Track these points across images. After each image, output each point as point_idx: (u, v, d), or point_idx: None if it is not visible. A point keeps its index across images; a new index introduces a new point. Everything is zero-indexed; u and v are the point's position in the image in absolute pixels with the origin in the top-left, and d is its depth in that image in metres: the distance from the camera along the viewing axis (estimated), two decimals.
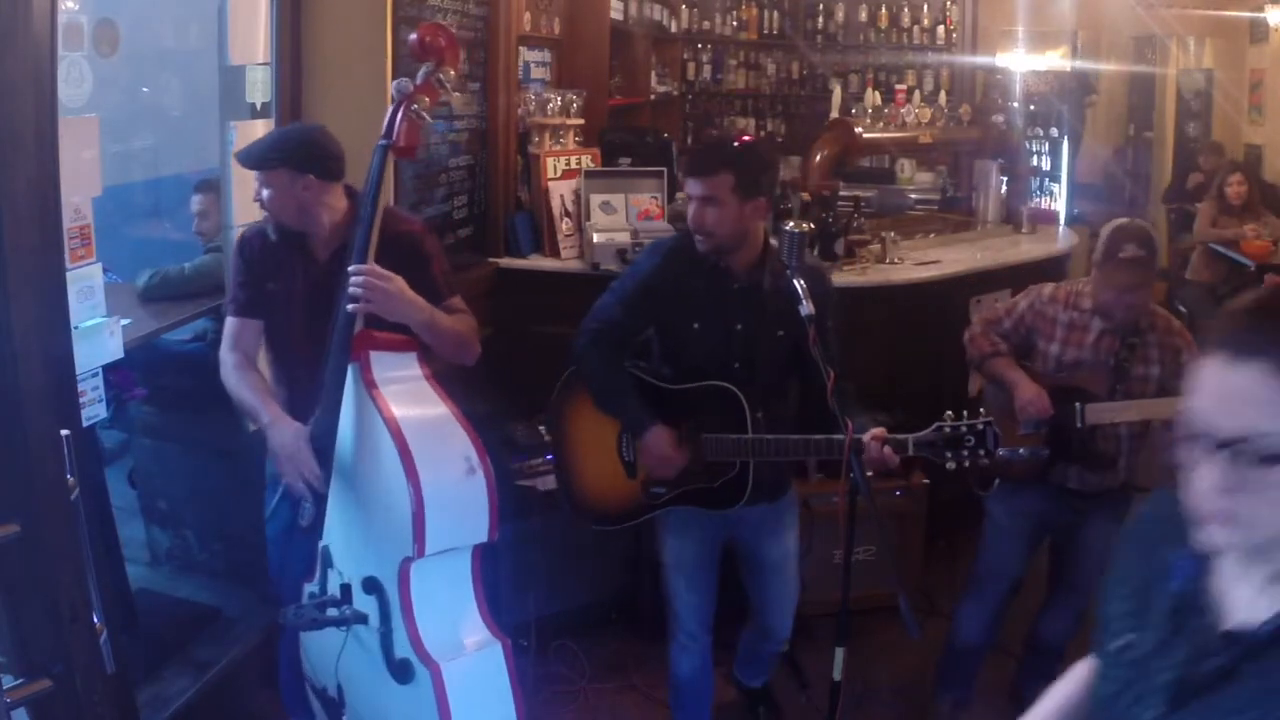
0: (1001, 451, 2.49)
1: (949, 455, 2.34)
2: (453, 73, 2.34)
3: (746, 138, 2.88)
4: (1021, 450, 2.70)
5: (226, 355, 2.51)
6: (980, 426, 2.33)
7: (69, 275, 2.01)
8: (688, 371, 2.59)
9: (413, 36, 2.33)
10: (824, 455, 2.45)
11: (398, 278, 2.27)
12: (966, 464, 2.35)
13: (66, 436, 1.81)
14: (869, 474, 2.35)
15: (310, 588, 2.37)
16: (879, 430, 2.34)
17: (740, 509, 2.60)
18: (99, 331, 2.18)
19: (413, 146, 2.30)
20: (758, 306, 2.54)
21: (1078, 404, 2.76)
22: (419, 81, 2.29)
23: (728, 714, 3.18)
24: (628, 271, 2.82)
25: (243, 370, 2.49)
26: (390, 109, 2.27)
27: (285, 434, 2.33)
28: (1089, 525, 2.92)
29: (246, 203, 2.63)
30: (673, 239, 2.78)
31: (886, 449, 2.32)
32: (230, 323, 2.54)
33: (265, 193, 2.41)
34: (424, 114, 2.28)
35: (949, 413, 2.37)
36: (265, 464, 2.55)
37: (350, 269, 2.23)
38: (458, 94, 2.37)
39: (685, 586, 2.73)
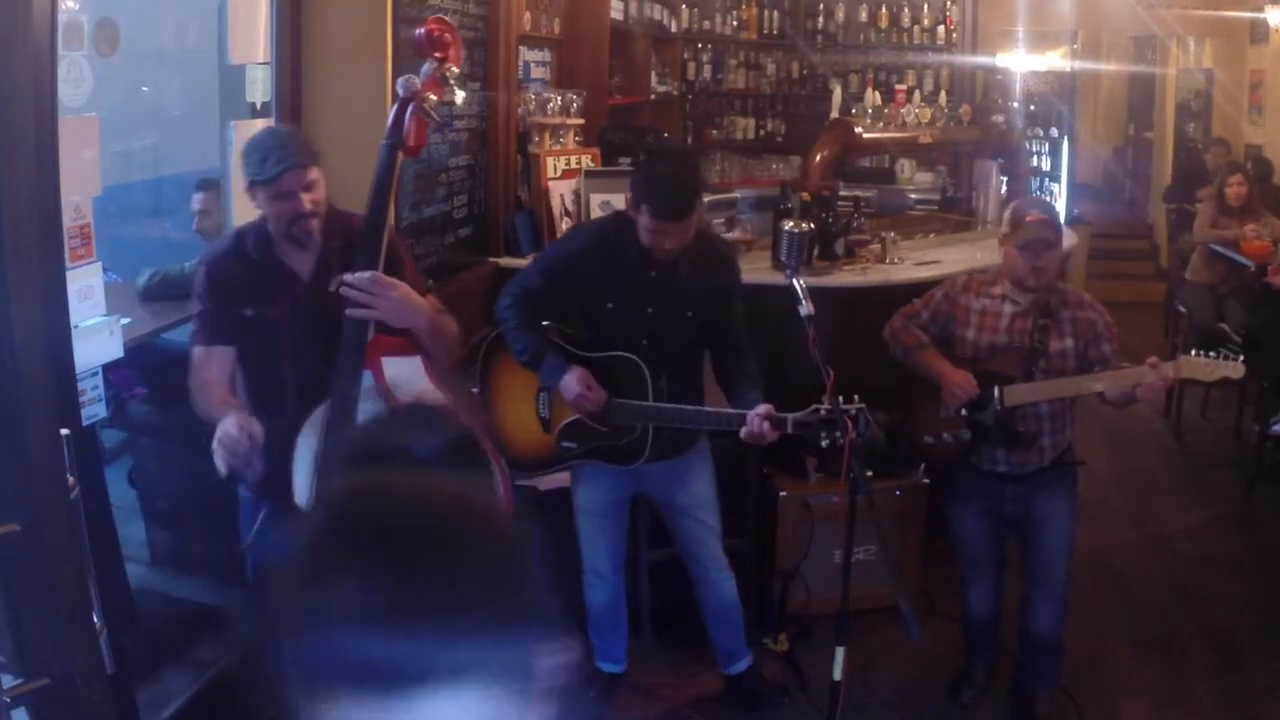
0: (927, 438, 2.78)
1: (823, 435, 2.52)
2: (455, 69, 2.27)
3: (682, 153, 3.14)
4: (945, 435, 2.87)
5: (194, 383, 2.33)
6: (853, 411, 2.50)
7: (69, 275, 2.01)
8: (599, 342, 2.83)
9: (418, 31, 2.27)
10: (719, 427, 2.74)
11: (402, 284, 2.21)
12: (840, 444, 2.49)
13: (66, 436, 1.81)
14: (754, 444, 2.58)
15: None
16: (766, 407, 2.56)
17: (645, 465, 2.85)
18: (99, 331, 2.18)
19: (421, 145, 2.26)
20: (672, 291, 2.77)
21: (996, 387, 2.87)
22: (424, 78, 2.23)
23: (712, 706, 3.19)
24: (555, 245, 3.23)
25: (209, 386, 2.31)
26: (395, 107, 2.20)
27: (230, 421, 2.09)
28: (1035, 506, 3.00)
29: (247, 202, 2.63)
30: (600, 224, 3.08)
31: (766, 424, 2.54)
32: (198, 353, 2.35)
33: (311, 196, 2.25)
34: (431, 112, 2.22)
35: (825, 397, 2.53)
36: (239, 490, 2.45)
37: (352, 276, 2.16)
38: (461, 92, 2.31)
39: (593, 532, 3.03)
